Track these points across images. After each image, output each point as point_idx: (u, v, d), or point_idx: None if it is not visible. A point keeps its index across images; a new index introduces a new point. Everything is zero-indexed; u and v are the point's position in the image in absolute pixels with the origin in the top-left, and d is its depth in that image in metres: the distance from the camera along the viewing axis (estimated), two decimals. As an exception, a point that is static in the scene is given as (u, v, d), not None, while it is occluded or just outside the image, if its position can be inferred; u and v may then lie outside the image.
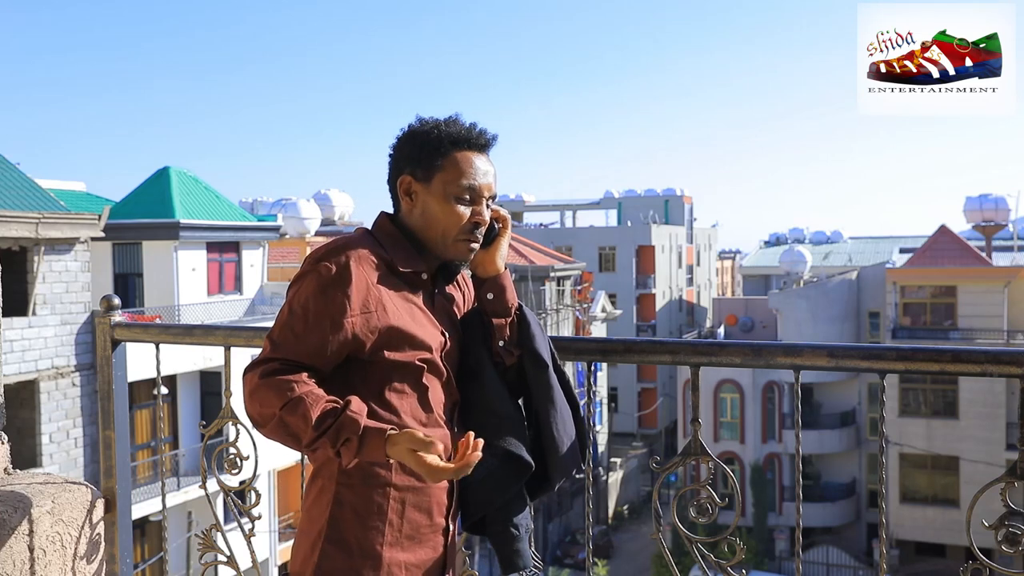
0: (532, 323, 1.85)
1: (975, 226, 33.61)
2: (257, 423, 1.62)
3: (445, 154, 1.77)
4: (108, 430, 2.51)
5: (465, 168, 1.77)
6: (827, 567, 29.68)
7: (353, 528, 1.68)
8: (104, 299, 2.50)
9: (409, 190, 1.79)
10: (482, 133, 1.81)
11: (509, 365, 1.84)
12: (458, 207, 1.76)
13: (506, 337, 1.83)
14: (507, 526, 1.84)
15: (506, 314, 1.83)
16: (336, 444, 1.55)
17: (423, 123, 1.81)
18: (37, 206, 15.11)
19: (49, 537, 2.16)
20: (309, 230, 27.41)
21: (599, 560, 30.98)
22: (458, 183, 1.75)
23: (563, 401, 1.84)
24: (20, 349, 14.34)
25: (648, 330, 48.02)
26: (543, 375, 1.82)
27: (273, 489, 20.30)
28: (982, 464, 25.95)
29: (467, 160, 1.77)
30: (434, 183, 1.76)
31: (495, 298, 1.83)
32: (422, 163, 1.77)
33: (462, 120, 1.82)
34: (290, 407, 1.56)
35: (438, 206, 1.76)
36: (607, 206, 56.38)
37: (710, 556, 1.98)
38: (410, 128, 1.82)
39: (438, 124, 1.79)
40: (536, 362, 1.83)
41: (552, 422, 1.81)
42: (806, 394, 32.14)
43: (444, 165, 1.76)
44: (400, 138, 1.82)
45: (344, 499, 1.69)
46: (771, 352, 1.88)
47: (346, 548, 1.68)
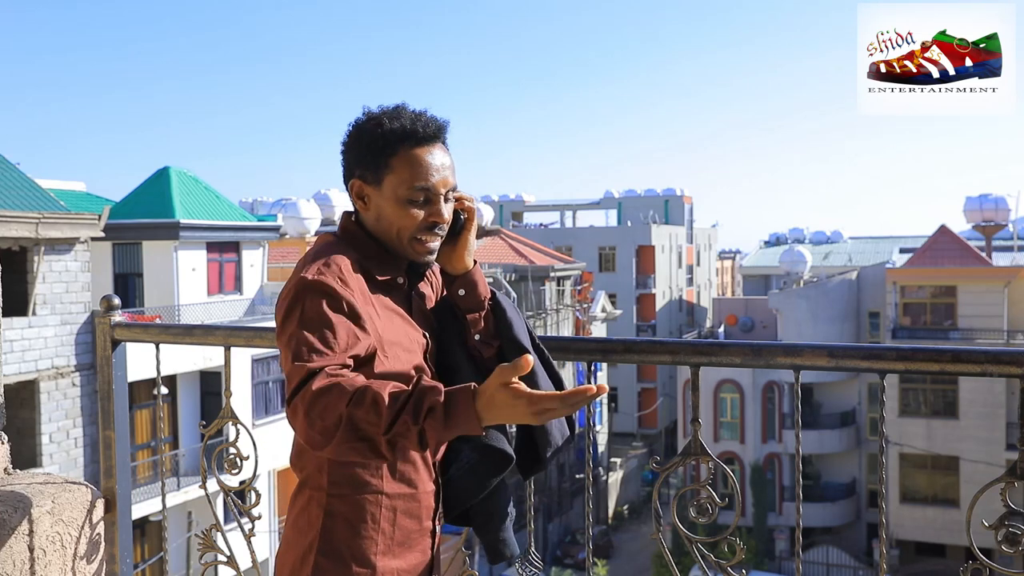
0: (508, 310, 1.81)
1: (975, 226, 33.61)
2: (324, 438, 1.41)
3: (392, 153, 1.66)
4: (108, 430, 2.51)
5: (415, 168, 1.66)
6: (827, 567, 29.68)
7: (346, 538, 1.65)
8: (104, 299, 2.50)
9: (361, 194, 1.71)
10: (429, 123, 1.68)
11: (487, 357, 1.81)
12: (412, 210, 1.67)
13: (481, 330, 1.80)
14: (490, 516, 1.83)
15: (479, 308, 1.80)
16: (420, 418, 1.36)
17: (368, 118, 1.70)
18: (37, 206, 15.11)
19: (49, 537, 2.16)
20: (309, 230, 27.39)
21: (599, 560, 30.97)
22: (409, 185, 1.66)
23: (547, 382, 1.79)
24: (20, 349, 14.34)
25: (648, 330, 48.02)
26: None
27: (273, 489, 20.30)
28: (982, 464, 25.95)
29: (416, 159, 1.66)
30: (384, 186, 1.67)
31: (467, 294, 1.79)
32: (370, 165, 1.68)
33: (408, 110, 1.70)
34: (356, 400, 1.38)
35: (391, 209, 1.67)
36: (607, 206, 56.39)
37: (710, 556, 1.98)
38: (356, 125, 1.71)
39: (381, 120, 1.67)
40: (516, 349, 1.79)
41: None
42: (806, 394, 32.14)
43: (393, 165, 1.66)
44: (347, 136, 1.72)
45: (335, 510, 1.65)
46: (771, 352, 1.88)
47: (339, 559, 1.64)
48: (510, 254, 34.91)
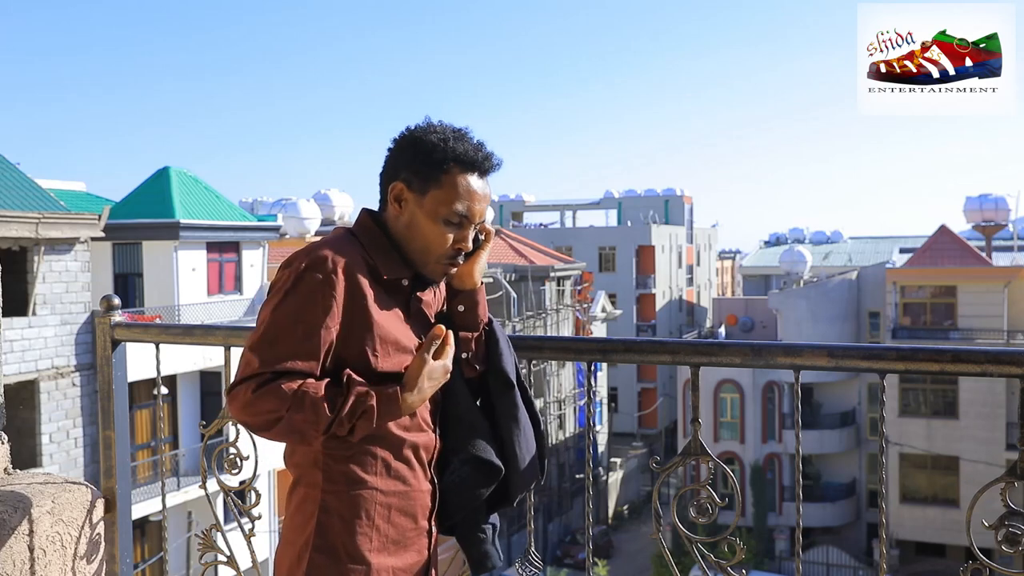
0: (501, 340, 1.84)
1: (975, 226, 33.61)
2: (256, 428, 1.59)
3: (447, 171, 1.69)
4: (108, 430, 2.51)
5: (463, 192, 1.69)
6: (827, 567, 29.68)
7: (340, 535, 1.66)
8: (104, 299, 2.50)
9: (400, 197, 1.72)
10: (488, 158, 1.72)
11: (469, 377, 1.83)
12: (446, 230, 1.70)
13: (471, 351, 1.82)
14: (475, 529, 1.85)
15: (474, 329, 1.82)
16: (354, 419, 1.57)
17: (431, 129, 1.71)
18: (37, 206, 15.11)
19: (49, 537, 2.16)
20: (309, 230, 27.40)
21: (599, 560, 30.98)
22: (452, 206, 1.68)
23: (526, 419, 1.83)
24: (20, 349, 14.34)
25: (648, 330, 48.04)
26: (508, 394, 1.82)
27: (273, 489, 20.30)
28: (982, 464, 25.95)
29: (466, 184, 1.69)
30: (427, 199, 1.69)
31: (466, 311, 1.81)
32: (420, 174, 1.69)
33: (471, 137, 1.73)
34: (296, 405, 1.54)
35: (426, 224, 1.70)
36: (607, 206, 56.40)
37: (710, 556, 1.98)
38: (417, 130, 1.73)
39: (446, 137, 1.70)
40: (502, 380, 1.82)
41: (515, 440, 1.81)
42: (806, 394, 32.14)
43: (443, 182, 1.69)
44: (404, 138, 1.73)
45: (330, 506, 1.66)
46: (771, 352, 1.88)
47: (334, 555, 1.66)
48: (510, 254, 34.91)
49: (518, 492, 1.84)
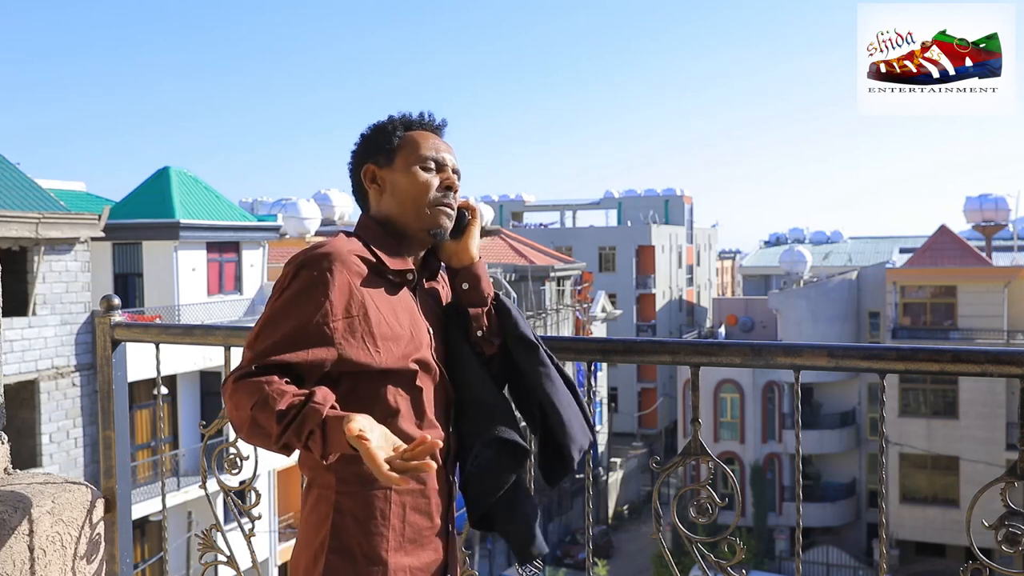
0: (512, 309, 1.83)
1: (975, 226, 33.62)
2: (237, 428, 1.57)
3: (401, 136, 1.81)
4: (108, 430, 2.51)
5: (423, 142, 1.81)
6: (827, 567, 29.68)
7: (356, 535, 1.65)
8: (104, 299, 2.50)
9: (374, 178, 1.81)
10: (432, 116, 1.86)
11: (490, 355, 1.82)
12: (425, 174, 1.78)
13: (484, 327, 1.81)
14: (514, 518, 1.81)
15: (482, 303, 1.81)
16: (301, 437, 1.47)
17: (378, 122, 1.86)
18: (37, 206, 15.10)
19: (49, 537, 2.16)
20: (309, 230, 27.40)
21: (599, 560, 30.97)
22: (419, 153, 1.79)
23: (563, 376, 1.81)
24: (20, 349, 14.34)
25: (648, 330, 48.02)
26: (534, 356, 1.80)
27: (273, 489, 20.30)
28: (982, 464, 25.95)
29: (423, 135, 1.82)
30: (396, 162, 1.79)
31: (470, 288, 1.81)
32: (382, 150, 1.81)
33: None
34: (259, 404, 1.50)
35: (405, 179, 1.78)
36: (607, 206, 56.38)
37: (710, 556, 1.98)
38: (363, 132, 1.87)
39: (391, 117, 1.85)
40: (525, 345, 1.80)
41: (555, 401, 1.78)
42: (806, 394, 32.14)
43: (402, 144, 1.80)
44: (356, 143, 1.87)
45: (344, 507, 1.66)
46: (771, 352, 1.88)
47: (350, 556, 1.65)
48: (510, 254, 34.91)
49: (573, 454, 1.78)
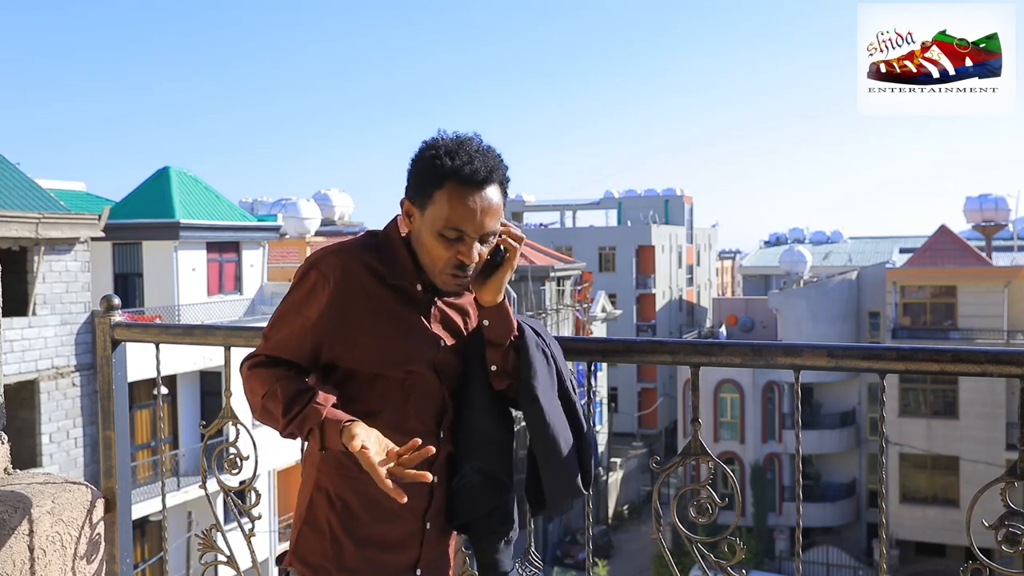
0: (532, 353, 1.81)
1: (975, 226, 33.62)
2: (251, 409, 1.74)
3: (438, 187, 1.68)
4: (108, 430, 2.51)
5: (453, 208, 1.67)
6: (827, 567, 29.68)
7: (327, 513, 1.77)
8: (104, 299, 2.50)
9: (409, 212, 1.76)
10: (480, 168, 1.67)
11: (497, 389, 1.83)
12: (441, 245, 1.70)
13: (499, 364, 1.81)
14: (490, 537, 1.87)
15: (499, 343, 1.81)
16: (303, 432, 1.65)
17: (431, 145, 1.72)
18: (37, 206, 15.11)
19: (49, 537, 2.16)
20: (309, 230, 27.41)
21: (599, 560, 30.98)
22: (444, 223, 1.68)
23: (554, 435, 1.79)
24: (20, 349, 14.34)
25: (648, 330, 48.02)
26: (532, 409, 1.79)
27: (273, 489, 20.31)
28: (982, 464, 25.96)
29: (457, 198, 1.67)
30: (426, 215, 1.71)
31: (491, 325, 1.81)
32: (419, 191, 1.71)
33: (471, 146, 1.70)
34: (270, 395, 1.68)
35: (427, 238, 1.72)
36: (607, 206, 56.38)
37: (710, 556, 1.98)
38: (423, 146, 1.74)
39: (440, 152, 1.69)
40: (525, 395, 1.80)
41: (541, 456, 1.81)
42: (806, 394, 32.15)
43: (435, 199, 1.69)
44: (415, 153, 1.75)
45: (322, 485, 1.78)
46: (771, 352, 1.88)
47: (320, 531, 1.77)
48: (510, 254, 34.87)
49: (553, 504, 1.87)
